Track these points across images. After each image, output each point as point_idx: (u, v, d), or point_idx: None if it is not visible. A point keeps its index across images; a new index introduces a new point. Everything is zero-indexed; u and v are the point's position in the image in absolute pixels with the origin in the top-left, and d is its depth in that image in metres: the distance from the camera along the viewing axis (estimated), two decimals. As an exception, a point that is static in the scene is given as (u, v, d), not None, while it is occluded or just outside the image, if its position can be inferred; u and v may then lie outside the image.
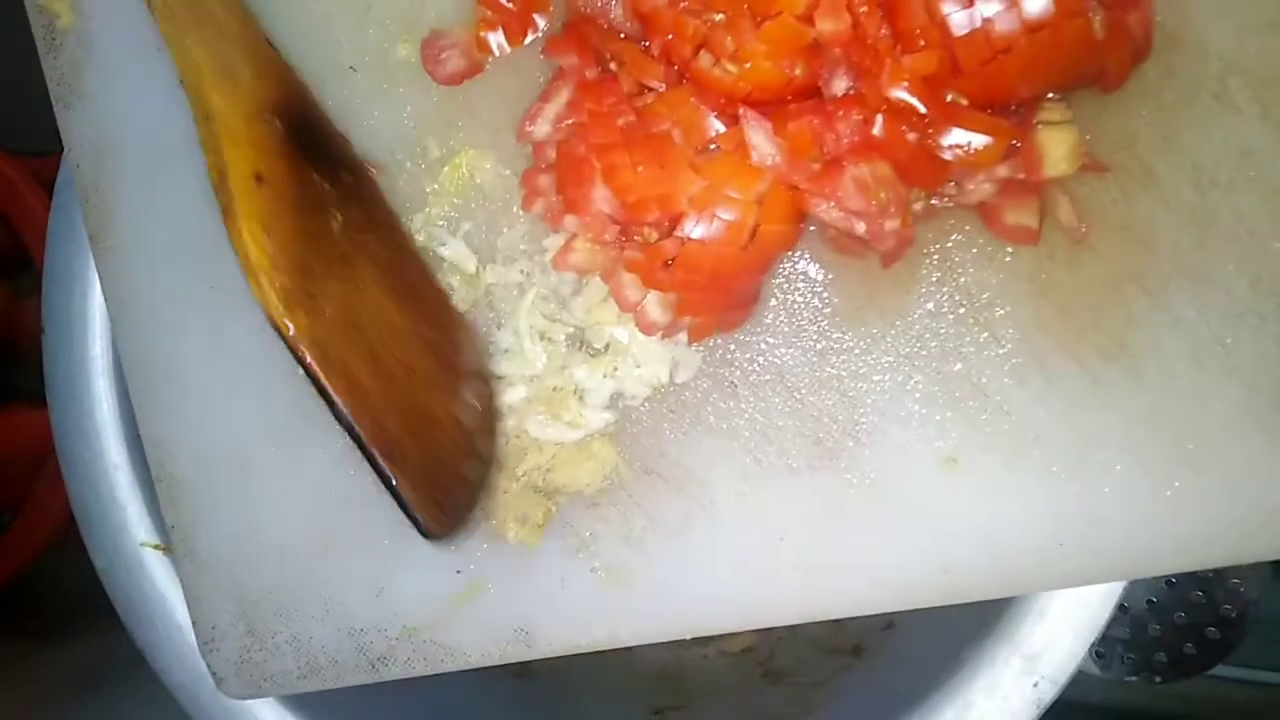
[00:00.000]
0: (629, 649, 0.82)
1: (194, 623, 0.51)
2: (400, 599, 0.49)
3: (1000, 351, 0.43)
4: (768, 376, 0.45)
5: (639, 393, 0.47)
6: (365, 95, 0.48)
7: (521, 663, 0.79)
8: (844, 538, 0.44)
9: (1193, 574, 0.80)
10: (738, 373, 0.46)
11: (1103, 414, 0.43)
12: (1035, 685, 0.48)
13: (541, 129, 0.46)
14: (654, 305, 0.44)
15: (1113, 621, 0.50)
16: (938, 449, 0.44)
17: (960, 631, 0.53)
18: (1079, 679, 0.50)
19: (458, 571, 0.48)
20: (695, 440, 0.46)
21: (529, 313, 0.48)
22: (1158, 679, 0.79)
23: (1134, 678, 0.80)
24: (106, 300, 0.51)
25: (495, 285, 0.48)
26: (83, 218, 0.50)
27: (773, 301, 0.45)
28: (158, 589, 0.60)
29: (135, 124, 0.49)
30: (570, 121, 0.45)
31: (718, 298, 0.44)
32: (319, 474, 0.49)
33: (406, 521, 0.43)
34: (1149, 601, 0.80)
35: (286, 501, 0.49)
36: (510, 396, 0.48)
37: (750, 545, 0.45)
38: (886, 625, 0.63)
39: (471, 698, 0.72)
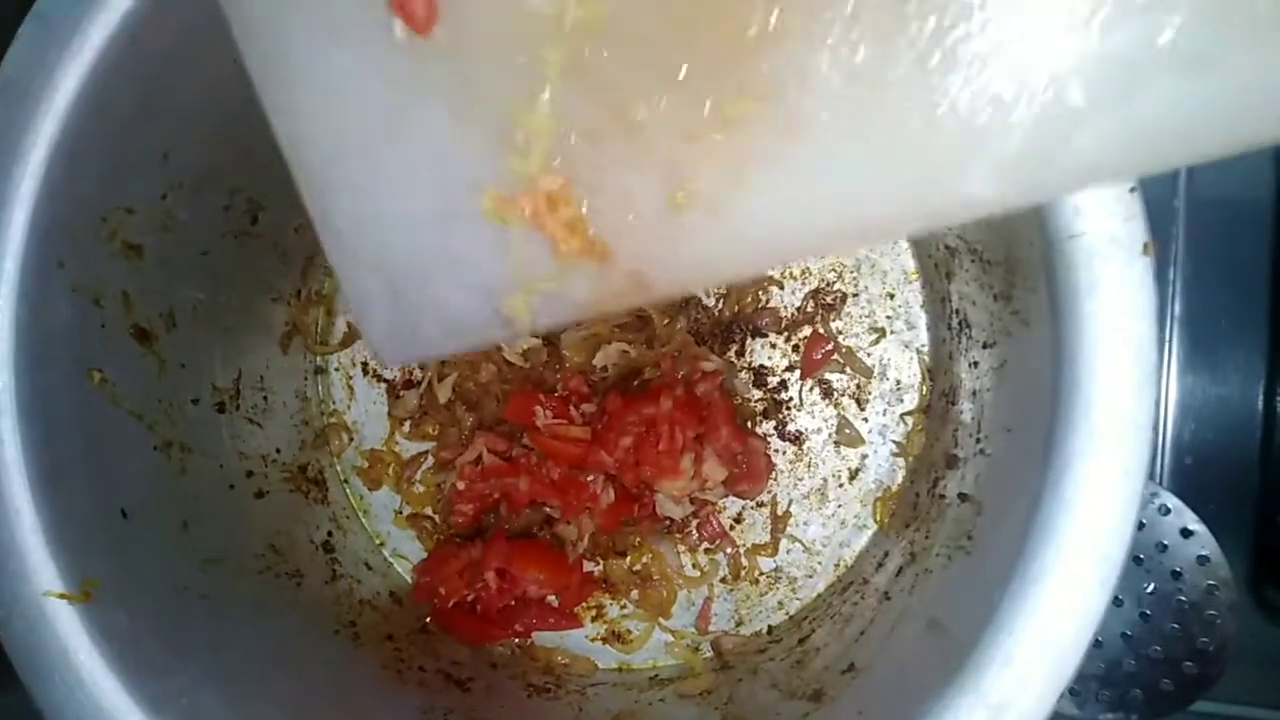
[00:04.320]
0: (581, 692, 0.79)
1: (347, 297, 0.54)
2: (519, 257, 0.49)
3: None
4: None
5: None
6: None
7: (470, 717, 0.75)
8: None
9: (1167, 605, 0.78)
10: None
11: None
12: (1001, 738, 0.45)
13: None
14: None
15: (1087, 656, 0.47)
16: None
17: (924, 678, 0.49)
18: (1052, 718, 0.47)
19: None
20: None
21: None
22: (1135, 717, 0.76)
23: (1110, 715, 0.77)
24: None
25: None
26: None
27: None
28: (60, 641, 0.55)
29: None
30: None
31: None
32: (433, 144, 0.48)
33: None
34: (1123, 635, 0.78)
35: (407, 175, 0.49)
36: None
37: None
38: (848, 669, 0.60)
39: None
